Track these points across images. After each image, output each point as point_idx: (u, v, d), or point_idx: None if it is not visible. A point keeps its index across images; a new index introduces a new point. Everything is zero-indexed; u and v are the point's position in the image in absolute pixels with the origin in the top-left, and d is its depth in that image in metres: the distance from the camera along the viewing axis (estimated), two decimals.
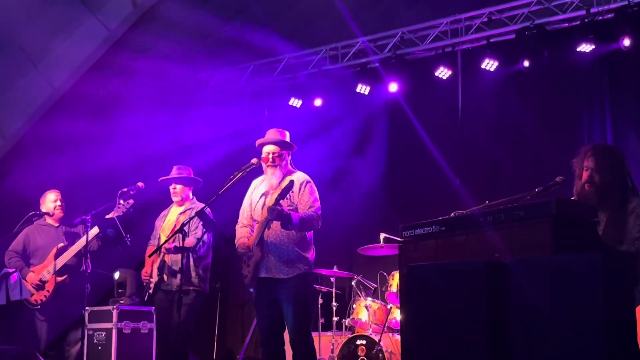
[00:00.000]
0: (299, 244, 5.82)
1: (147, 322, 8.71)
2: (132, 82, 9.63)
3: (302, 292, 5.79)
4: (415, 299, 4.12)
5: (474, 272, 3.79)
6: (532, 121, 8.51)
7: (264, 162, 5.99)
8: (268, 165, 5.98)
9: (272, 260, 5.75)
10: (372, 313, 7.76)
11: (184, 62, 9.75)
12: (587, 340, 3.34)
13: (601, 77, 8.37)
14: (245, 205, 6.11)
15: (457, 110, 8.97)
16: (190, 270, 6.69)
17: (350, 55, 9.59)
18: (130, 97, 9.77)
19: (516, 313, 3.63)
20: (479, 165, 8.92)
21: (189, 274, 6.67)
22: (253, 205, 6.01)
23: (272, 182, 5.94)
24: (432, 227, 4.49)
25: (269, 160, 5.97)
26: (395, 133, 9.59)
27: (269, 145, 6.03)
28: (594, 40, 8.02)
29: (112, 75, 9.60)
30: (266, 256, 5.76)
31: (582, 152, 4.90)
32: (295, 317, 5.70)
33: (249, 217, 6.04)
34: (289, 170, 6.05)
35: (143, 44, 9.48)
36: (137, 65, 9.38)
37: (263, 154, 6.02)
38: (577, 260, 3.50)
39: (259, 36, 9.66)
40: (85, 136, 9.79)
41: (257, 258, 5.76)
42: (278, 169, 5.97)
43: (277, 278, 5.75)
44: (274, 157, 5.97)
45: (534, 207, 4.04)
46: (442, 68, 8.90)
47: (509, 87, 8.73)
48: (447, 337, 3.85)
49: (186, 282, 6.59)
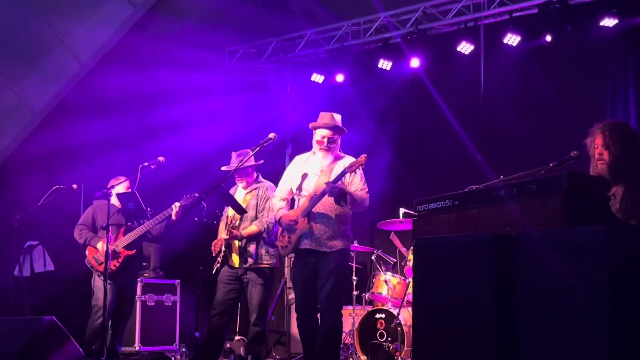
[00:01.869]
0: (343, 220, 6.05)
1: (170, 295, 8.90)
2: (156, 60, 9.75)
3: (341, 266, 6.01)
4: (424, 270, 4.18)
5: (482, 245, 3.82)
6: (554, 96, 8.45)
7: (319, 145, 6.15)
8: (322, 148, 6.14)
9: (318, 233, 5.95)
10: (392, 287, 7.82)
11: (206, 40, 9.81)
12: (593, 313, 3.37)
13: (625, 52, 8.28)
14: (287, 179, 6.27)
15: (479, 85, 8.93)
16: (261, 248, 6.72)
17: (372, 30, 9.57)
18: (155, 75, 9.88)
19: (523, 284, 3.67)
20: (501, 140, 8.89)
21: (260, 252, 6.70)
22: (297, 181, 6.17)
23: (323, 165, 6.13)
24: (446, 202, 4.52)
25: (323, 144, 6.13)
26: (417, 109, 9.57)
27: (324, 130, 6.16)
28: (617, 14, 7.93)
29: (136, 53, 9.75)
30: (312, 228, 5.94)
31: (591, 132, 4.90)
32: (331, 289, 5.90)
33: (289, 192, 6.23)
34: (338, 155, 6.23)
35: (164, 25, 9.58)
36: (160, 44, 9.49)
37: (317, 137, 6.17)
38: (583, 232, 3.53)
39: (281, 12, 9.71)
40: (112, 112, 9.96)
41: (303, 229, 5.96)
42: (330, 152, 6.16)
43: (320, 251, 5.95)
44: (328, 142, 6.12)
45: (546, 181, 4.04)
46: (464, 43, 8.86)
47: (531, 62, 8.66)
48: (455, 308, 3.90)
49: (258, 260, 6.68)
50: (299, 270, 6.08)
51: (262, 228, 6.64)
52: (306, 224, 5.94)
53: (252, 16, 9.71)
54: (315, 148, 6.20)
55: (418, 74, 9.32)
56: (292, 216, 6.04)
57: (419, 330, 4.24)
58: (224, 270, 6.74)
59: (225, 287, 6.70)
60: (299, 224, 5.97)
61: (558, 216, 3.87)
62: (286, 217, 6.07)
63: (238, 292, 6.74)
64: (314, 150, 6.24)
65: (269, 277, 6.75)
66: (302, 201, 6.10)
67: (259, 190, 6.82)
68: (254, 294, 6.63)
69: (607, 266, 3.37)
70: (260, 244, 6.68)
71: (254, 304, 6.65)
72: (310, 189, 6.06)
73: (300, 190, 6.15)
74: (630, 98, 8.17)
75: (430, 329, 4.06)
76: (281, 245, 6.13)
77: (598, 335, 3.35)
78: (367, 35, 9.62)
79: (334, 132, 6.15)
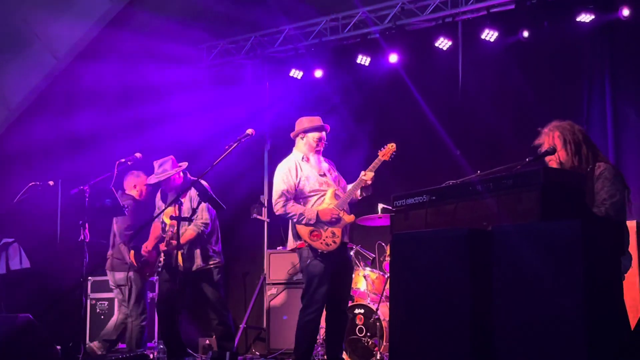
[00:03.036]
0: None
1: (148, 291, 8.82)
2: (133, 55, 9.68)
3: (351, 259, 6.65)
4: (401, 265, 4.19)
5: (457, 239, 3.85)
6: (532, 92, 8.49)
7: (317, 147, 6.42)
8: (318, 150, 6.45)
9: (348, 227, 6.36)
10: (371, 282, 7.83)
11: (184, 36, 9.77)
12: (568, 306, 3.39)
13: (601, 47, 8.34)
14: (289, 183, 6.31)
15: (457, 80, 8.95)
16: (206, 250, 6.81)
17: (350, 26, 9.56)
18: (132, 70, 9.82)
19: (499, 278, 3.69)
20: (479, 135, 8.91)
21: (206, 254, 6.82)
22: (306, 184, 6.30)
23: (323, 165, 6.48)
24: (423, 197, 4.55)
25: (321, 146, 6.45)
26: (395, 104, 9.57)
27: (320, 132, 6.47)
28: (593, 10, 7.99)
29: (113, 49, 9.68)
30: (353, 220, 6.37)
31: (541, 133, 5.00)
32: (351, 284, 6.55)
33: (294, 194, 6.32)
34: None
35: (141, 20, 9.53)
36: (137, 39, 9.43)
37: (315, 139, 6.41)
38: (558, 226, 3.55)
39: (259, 7, 9.67)
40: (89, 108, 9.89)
41: (346, 223, 6.27)
42: (320, 153, 6.50)
43: (348, 246, 6.48)
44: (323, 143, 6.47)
45: (522, 175, 4.08)
46: (442, 38, 8.88)
47: (508, 58, 8.69)
48: (431, 302, 3.92)
49: (205, 262, 6.78)
50: (330, 266, 6.20)
51: (198, 231, 6.84)
52: (347, 216, 6.29)
53: (231, 11, 9.67)
54: (310, 151, 6.42)
55: (396, 70, 9.32)
56: (333, 210, 6.22)
57: (395, 324, 4.26)
58: (166, 269, 6.87)
59: (166, 284, 6.89)
60: (344, 218, 6.25)
61: (534, 211, 3.90)
62: (328, 211, 6.21)
63: (181, 292, 6.87)
64: (306, 154, 6.41)
65: (219, 275, 6.98)
66: (316, 201, 6.29)
67: (191, 191, 6.85)
68: (210, 295, 6.87)
69: (582, 260, 3.40)
70: (205, 245, 6.88)
71: (211, 305, 6.88)
72: (324, 188, 6.32)
73: (313, 191, 6.32)
74: (607, 93, 8.23)
75: (407, 323, 4.08)
76: (326, 243, 6.20)
77: (573, 328, 3.38)
78: (346, 30, 9.60)
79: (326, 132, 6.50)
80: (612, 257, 3.74)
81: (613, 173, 4.72)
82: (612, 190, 4.62)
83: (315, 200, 6.31)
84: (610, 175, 4.68)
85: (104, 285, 8.67)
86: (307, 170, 6.36)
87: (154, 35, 9.54)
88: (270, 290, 8.93)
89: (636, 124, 8.02)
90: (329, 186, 6.35)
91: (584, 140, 4.87)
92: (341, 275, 6.32)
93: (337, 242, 6.20)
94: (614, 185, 4.64)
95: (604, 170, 4.71)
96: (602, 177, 4.68)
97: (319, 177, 6.36)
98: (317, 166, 6.41)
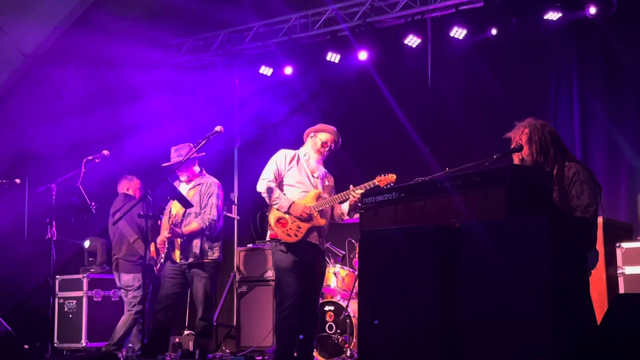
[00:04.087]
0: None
1: (117, 290, 8.77)
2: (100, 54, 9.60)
3: (325, 265, 6.60)
4: (370, 262, 4.20)
5: (425, 236, 3.87)
6: (500, 89, 8.54)
7: (323, 148, 6.38)
8: (323, 152, 6.40)
9: (322, 230, 6.30)
10: (341, 279, 7.85)
11: (151, 33, 9.70)
12: (534, 301, 3.43)
13: (568, 44, 8.44)
14: (279, 167, 6.31)
15: (427, 78, 8.99)
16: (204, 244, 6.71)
17: (320, 23, 9.55)
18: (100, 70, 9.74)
19: (466, 275, 3.72)
20: (448, 132, 8.97)
21: (203, 248, 6.70)
22: (295, 174, 6.31)
23: (320, 169, 6.44)
24: (392, 194, 4.56)
25: (325, 148, 6.39)
26: (365, 101, 9.60)
27: (330, 135, 6.41)
28: (561, 8, 8.06)
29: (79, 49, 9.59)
30: (321, 225, 6.25)
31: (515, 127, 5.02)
32: (322, 286, 6.43)
33: (278, 179, 6.31)
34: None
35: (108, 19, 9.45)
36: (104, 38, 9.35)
37: (322, 140, 6.37)
38: (524, 222, 3.59)
39: (229, 4, 9.64)
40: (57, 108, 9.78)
41: (316, 224, 6.20)
42: (323, 158, 6.46)
43: (319, 248, 6.32)
44: (329, 148, 6.41)
45: (489, 172, 4.10)
46: (411, 36, 8.91)
47: (477, 55, 8.75)
48: (400, 299, 3.93)
49: (201, 256, 6.68)
50: (297, 260, 6.17)
51: (203, 225, 6.67)
52: (319, 219, 6.21)
53: (200, 8, 9.62)
54: (314, 150, 6.38)
55: (366, 67, 9.34)
56: (305, 207, 6.17)
57: (364, 321, 4.27)
58: (167, 265, 6.76)
59: (170, 281, 6.73)
60: (315, 218, 6.19)
61: (501, 207, 3.93)
62: (300, 207, 6.17)
63: (182, 287, 6.78)
64: (308, 152, 6.39)
65: (213, 271, 6.78)
66: (298, 194, 6.26)
67: (202, 186, 6.81)
68: (199, 288, 6.68)
69: (548, 256, 3.43)
70: (204, 239, 6.71)
71: (199, 299, 6.69)
72: (310, 188, 6.29)
73: (298, 183, 6.30)
74: (574, 90, 8.33)
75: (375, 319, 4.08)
76: (287, 233, 6.18)
77: (539, 323, 3.41)
78: (316, 27, 9.60)
79: (334, 142, 6.42)
80: (578, 252, 3.78)
81: (587, 175, 4.75)
82: (592, 194, 4.68)
83: (297, 193, 6.28)
84: (586, 178, 4.72)
85: (72, 284, 8.60)
86: (302, 165, 6.36)
87: (122, 33, 9.46)
88: (240, 287, 8.90)
89: (602, 120, 8.12)
90: (316, 188, 6.33)
91: (552, 142, 4.89)
92: (312, 275, 6.27)
93: (298, 236, 6.16)
94: (592, 189, 4.70)
95: (577, 172, 4.73)
96: (579, 181, 4.70)
97: (310, 177, 6.35)
98: (313, 167, 6.39)
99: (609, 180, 7.85)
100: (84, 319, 8.43)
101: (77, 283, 8.56)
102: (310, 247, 6.25)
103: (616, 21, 8.00)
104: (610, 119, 8.08)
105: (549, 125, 5.03)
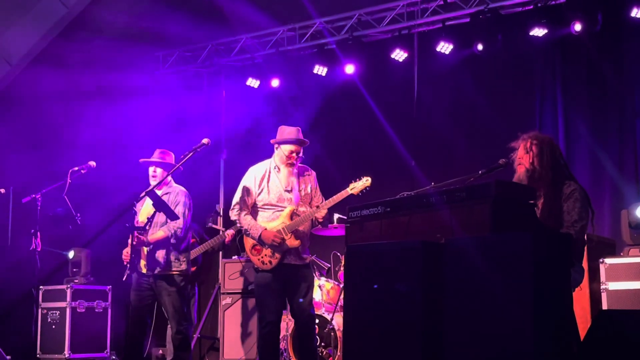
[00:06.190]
0: (310, 234, 6.44)
1: (101, 301, 8.75)
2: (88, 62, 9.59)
3: (312, 276, 6.46)
4: (355, 276, 4.22)
5: (410, 251, 3.89)
6: (485, 104, 8.61)
7: (288, 160, 6.27)
8: (290, 163, 6.29)
9: (300, 248, 6.23)
10: (325, 292, 7.84)
11: (139, 43, 9.70)
12: (518, 317, 3.45)
13: (553, 61, 8.52)
14: (250, 191, 6.27)
15: (413, 92, 9.03)
16: (170, 255, 6.63)
17: (307, 36, 9.59)
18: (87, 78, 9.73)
19: (451, 290, 3.74)
20: (434, 146, 9.02)
21: (169, 259, 6.62)
22: (265, 195, 6.27)
23: (292, 180, 6.32)
24: (378, 208, 4.58)
25: (293, 159, 6.29)
26: (351, 115, 9.64)
27: (293, 145, 6.29)
28: (546, 24, 8.12)
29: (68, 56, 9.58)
30: (296, 245, 6.20)
31: (519, 139, 5.02)
32: (309, 298, 6.26)
33: (251, 205, 6.29)
34: (299, 166, 6.42)
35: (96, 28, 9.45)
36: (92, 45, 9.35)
37: (285, 152, 6.27)
38: (508, 238, 3.62)
39: (216, 16, 9.65)
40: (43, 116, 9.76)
41: (290, 246, 6.18)
42: (295, 166, 6.34)
43: (299, 265, 6.26)
44: (297, 157, 6.30)
45: (474, 188, 4.13)
46: (398, 50, 8.96)
47: (463, 70, 8.81)
48: (384, 313, 3.95)
49: (167, 267, 6.60)
50: (275, 281, 6.17)
51: (168, 233, 6.57)
52: (293, 240, 6.17)
53: (187, 20, 9.63)
54: (282, 162, 6.30)
55: (353, 80, 9.38)
56: (276, 234, 6.13)
57: (349, 335, 4.28)
58: (135, 277, 6.67)
59: (138, 294, 6.64)
60: (288, 241, 6.16)
61: (486, 223, 3.95)
62: (270, 235, 6.13)
63: (152, 298, 6.68)
64: (278, 165, 6.31)
65: (181, 283, 6.66)
66: (271, 215, 6.24)
67: (170, 195, 6.77)
68: (168, 303, 6.58)
69: (531, 272, 3.45)
70: (170, 249, 6.61)
71: (170, 313, 6.62)
72: (285, 205, 6.25)
73: (270, 205, 6.26)
74: (559, 106, 8.40)
75: (360, 334, 4.10)
76: (262, 261, 6.19)
77: (522, 339, 3.43)
78: (303, 40, 9.63)
79: (301, 147, 6.32)
80: (561, 269, 3.81)
81: (583, 195, 4.79)
82: (582, 212, 4.71)
83: (269, 215, 6.27)
84: (581, 197, 4.76)
85: (56, 295, 8.55)
86: (273, 181, 6.29)
87: (110, 43, 9.46)
88: (224, 299, 8.89)
89: (586, 136, 8.18)
90: (290, 203, 6.27)
91: (560, 158, 4.94)
92: (297, 288, 6.23)
93: (272, 263, 6.16)
94: (584, 207, 4.74)
95: (575, 190, 4.76)
96: (573, 198, 4.73)
97: (283, 192, 6.28)
98: (285, 180, 6.31)
99: (592, 196, 7.72)
100: (67, 329, 8.38)
101: (61, 294, 8.51)
102: (290, 269, 6.24)
103: (601, 38, 8.09)
104: (594, 135, 8.16)
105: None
